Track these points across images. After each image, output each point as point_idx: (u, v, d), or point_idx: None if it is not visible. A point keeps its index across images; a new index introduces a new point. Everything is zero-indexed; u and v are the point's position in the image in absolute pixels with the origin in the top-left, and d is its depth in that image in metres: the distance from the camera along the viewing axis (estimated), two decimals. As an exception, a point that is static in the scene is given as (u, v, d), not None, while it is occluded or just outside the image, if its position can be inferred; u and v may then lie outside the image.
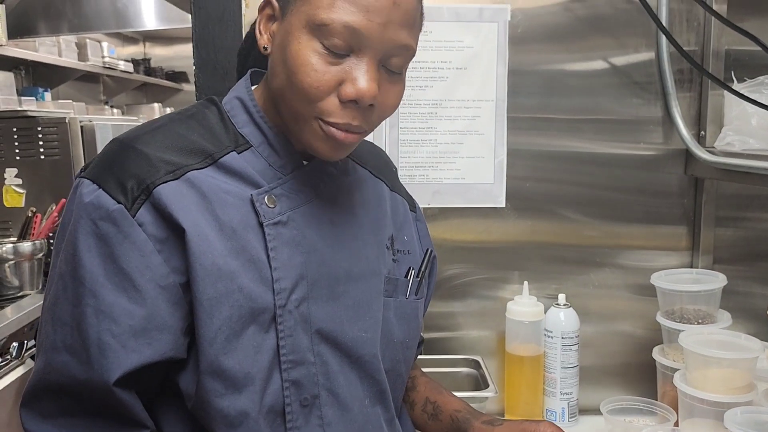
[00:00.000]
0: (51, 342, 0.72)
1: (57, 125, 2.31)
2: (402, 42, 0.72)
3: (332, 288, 0.80)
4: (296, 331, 0.75)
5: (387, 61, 0.73)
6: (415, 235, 0.97)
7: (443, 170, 1.28)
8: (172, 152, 0.74)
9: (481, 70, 1.26)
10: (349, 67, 0.71)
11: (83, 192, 0.72)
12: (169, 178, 0.72)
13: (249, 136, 0.80)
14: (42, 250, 2.10)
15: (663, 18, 1.25)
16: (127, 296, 0.70)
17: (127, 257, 0.70)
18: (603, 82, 1.29)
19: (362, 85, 0.70)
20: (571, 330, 1.24)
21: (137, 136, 0.76)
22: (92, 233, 0.70)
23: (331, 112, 0.72)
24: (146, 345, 0.70)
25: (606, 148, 1.31)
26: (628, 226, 1.33)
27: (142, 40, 5.22)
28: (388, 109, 0.76)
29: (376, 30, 0.70)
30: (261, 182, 0.78)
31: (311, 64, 0.70)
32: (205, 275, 0.71)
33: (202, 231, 0.72)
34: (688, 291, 1.20)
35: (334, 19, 0.69)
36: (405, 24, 0.72)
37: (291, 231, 0.77)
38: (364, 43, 0.70)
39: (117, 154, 0.74)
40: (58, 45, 3.46)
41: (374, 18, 0.69)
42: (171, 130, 0.77)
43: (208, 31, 1.17)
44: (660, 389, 1.25)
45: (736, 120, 1.18)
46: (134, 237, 0.70)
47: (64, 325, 0.71)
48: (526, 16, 1.26)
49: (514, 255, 1.32)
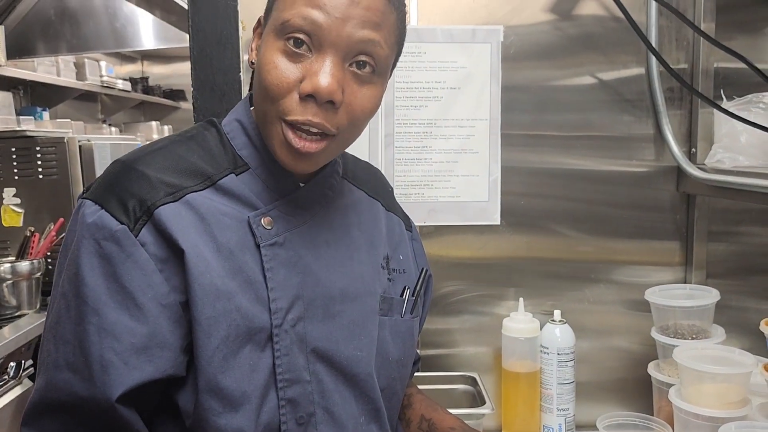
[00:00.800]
0: (53, 360, 0.72)
1: (55, 145, 2.32)
2: (363, 38, 0.73)
3: (328, 307, 0.81)
4: (292, 350, 0.76)
5: (353, 60, 0.74)
6: (410, 254, 0.98)
7: (438, 189, 1.29)
8: (172, 174, 0.76)
9: (475, 89, 1.28)
10: (310, 64, 0.73)
11: (86, 212, 0.73)
12: (169, 200, 0.74)
13: (247, 159, 0.81)
14: (40, 269, 2.10)
15: (652, 37, 1.27)
16: (129, 314, 0.71)
17: (129, 276, 0.71)
18: (595, 99, 1.31)
19: (321, 79, 0.71)
20: (567, 346, 1.25)
21: (138, 157, 0.77)
22: (95, 253, 0.72)
23: (291, 109, 0.73)
24: (148, 362, 0.71)
25: (599, 165, 1.32)
26: (622, 241, 1.34)
27: (140, 59, 5.26)
28: (358, 112, 0.76)
29: (335, 24, 0.71)
30: (258, 204, 0.79)
31: (273, 63, 0.73)
32: (204, 295, 0.72)
33: (200, 252, 0.73)
34: (681, 306, 1.21)
35: (293, 14, 0.72)
36: (365, 21, 0.73)
37: (287, 252, 0.78)
38: (324, 38, 0.72)
39: (119, 175, 0.75)
40: (56, 65, 3.49)
41: (332, 12, 0.71)
42: (171, 152, 0.79)
43: (206, 53, 1.19)
44: (656, 404, 1.25)
45: (726, 137, 1.20)
46: (137, 256, 0.72)
47: (66, 343, 0.71)
48: (518, 36, 1.29)
49: (509, 271, 1.34)
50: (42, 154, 2.32)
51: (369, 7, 0.73)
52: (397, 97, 1.27)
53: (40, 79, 3.30)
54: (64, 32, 3.18)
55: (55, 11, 3.19)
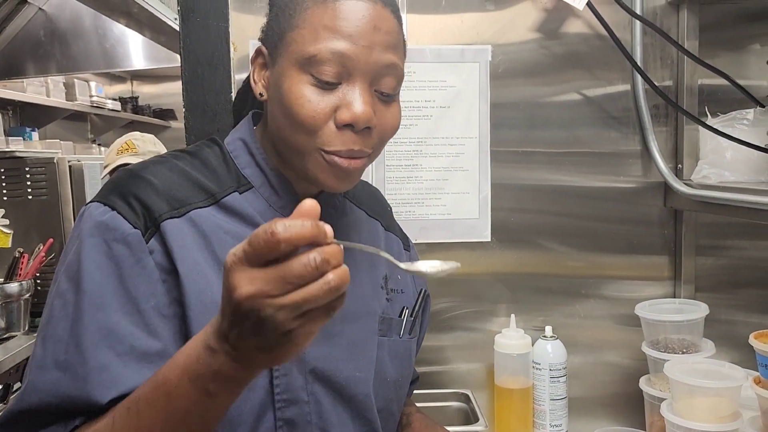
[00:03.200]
0: (38, 362, 0.69)
1: (45, 165, 2.32)
2: (388, 62, 0.75)
3: (328, 328, 0.80)
4: (291, 370, 0.76)
5: (378, 84, 0.76)
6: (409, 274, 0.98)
7: (429, 206, 1.30)
8: (178, 187, 0.76)
9: (464, 108, 1.29)
10: (342, 93, 0.74)
11: (95, 213, 0.73)
12: (174, 215, 0.74)
13: (251, 177, 0.82)
14: (29, 290, 2.09)
15: (637, 55, 1.29)
16: (131, 319, 0.70)
17: (135, 281, 0.71)
18: (582, 116, 1.33)
19: (357, 108, 0.73)
20: (559, 362, 1.25)
21: (145, 167, 0.78)
22: (103, 253, 0.71)
23: (330, 140, 0.74)
24: (148, 369, 0.68)
25: (587, 181, 1.34)
26: (611, 256, 1.36)
27: (129, 79, 5.26)
28: (387, 131, 0.78)
29: (362, 53, 0.73)
30: (261, 222, 0.79)
31: (305, 96, 0.73)
32: (205, 312, 0.72)
33: (201, 269, 0.73)
34: (671, 321, 1.22)
35: (320, 49, 0.72)
36: (389, 45, 0.75)
37: None
38: (353, 67, 0.73)
39: (127, 182, 0.75)
40: (46, 85, 3.48)
41: (358, 42, 0.72)
42: (176, 167, 0.79)
43: (197, 74, 1.20)
44: (648, 419, 1.26)
45: (711, 153, 1.22)
46: (145, 263, 0.71)
47: (58, 341, 0.69)
48: (506, 55, 1.31)
49: (500, 288, 1.34)
50: (31, 175, 2.32)
51: (389, 31, 0.75)
52: (387, 116, 1.28)
53: (30, 99, 3.29)
54: (54, 52, 3.18)
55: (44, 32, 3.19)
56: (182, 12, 1.17)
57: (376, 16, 0.74)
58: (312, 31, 0.73)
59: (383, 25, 0.74)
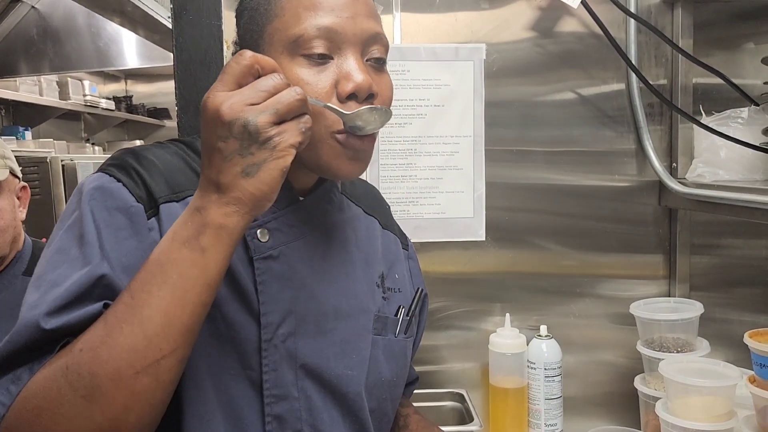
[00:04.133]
0: (29, 303, 0.66)
1: (38, 164, 2.31)
2: (373, 30, 0.75)
3: (320, 324, 0.80)
4: (281, 365, 0.76)
5: (368, 53, 0.75)
6: (406, 273, 0.97)
7: (423, 205, 1.30)
8: (178, 172, 0.76)
9: (459, 107, 1.29)
10: (337, 67, 0.73)
11: (98, 180, 0.71)
12: (173, 198, 0.73)
13: None
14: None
15: (632, 54, 1.29)
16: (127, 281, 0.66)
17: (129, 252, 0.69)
18: (577, 115, 1.33)
19: (357, 76, 0.72)
20: (554, 361, 1.25)
21: (147, 148, 0.77)
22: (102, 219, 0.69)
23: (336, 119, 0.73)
24: None
25: (582, 180, 1.34)
26: (606, 256, 1.35)
27: (123, 78, 5.24)
28: (387, 99, 0.78)
29: (348, 24, 0.73)
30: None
31: (302, 80, 0.72)
32: None
33: None
34: (666, 320, 1.22)
35: (305, 27, 0.72)
36: (370, 14, 0.75)
37: (281, 265, 0.78)
38: (341, 40, 0.73)
39: (131, 159, 0.74)
40: (39, 84, 3.47)
41: (342, 14, 0.72)
42: (176, 154, 0.79)
43: (190, 73, 1.19)
44: (643, 418, 1.25)
45: (706, 152, 1.21)
46: (143, 237, 0.70)
47: (55, 285, 0.65)
48: (501, 53, 1.30)
49: (495, 287, 1.34)
50: (24, 174, 2.30)
51: (366, 2, 0.75)
52: (381, 115, 1.27)
53: (23, 98, 3.28)
54: (47, 51, 3.17)
55: (37, 30, 3.18)
56: (175, 10, 1.16)
57: None
58: (293, 15, 0.73)
59: None
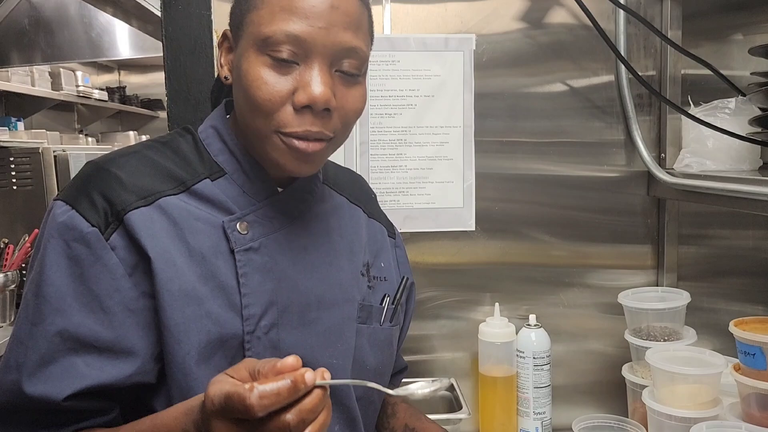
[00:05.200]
0: (4, 363, 0.71)
1: (30, 155, 2.30)
2: (348, 44, 0.74)
3: (303, 315, 0.80)
4: (265, 357, 0.76)
5: (339, 65, 0.74)
6: (393, 261, 0.98)
7: (413, 195, 1.30)
8: (146, 178, 0.76)
9: (448, 97, 1.29)
10: (299, 74, 0.73)
11: (56, 213, 0.73)
12: (141, 204, 0.73)
13: (224, 164, 0.81)
14: (14, 281, 2.08)
15: (621, 45, 1.29)
16: (95, 318, 0.70)
17: (97, 279, 0.71)
18: (566, 106, 1.33)
19: (315, 89, 0.72)
20: (543, 350, 1.26)
21: (112, 159, 0.77)
22: (63, 253, 0.71)
23: (287, 122, 0.73)
24: (112, 365, 0.70)
25: (571, 170, 1.34)
26: (595, 245, 1.36)
27: (116, 68, 5.22)
28: (350, 114, 0.77)
29: (319, 34, 0.71)
30: (234, 209, 0.79)
31: (261, 78, 0.72)
32: (172, 301, 0.72)
33: (170, 257, 0.73)
34: (653, 309, 1.23)
35: (275, 30, 0.71)
36: (348, 26, 0.73)
37: (262, 257, 0.78)
38: (310, 49, 0.72)
39: (91, 177, 0.75)
40: (31, 74, 3.45)
41: (315, 23, 0.71)
42: (145, 156, 0.78)
43: (179, 63, 1.19)
44: (630, 406, 1.27)
45: (694, 143, 1.22)
46: (106, 260, 0.71)
47: (20, 344, 0.70)
48: (490, 44, 1.30)
49: (484, 277, 1.35)
50: (16, 165, 2.30)
51: (347, 12, 0.73)
52: (371, 105, 1.28)
53: (15, 89, 3.26)
54: (39, 42, 3.15)
55: (29, 20, 3.15)
56: (164, 0, 1.16)
57: None
58: (269, 12, 0.72)
59: (341, 4, 0.73)
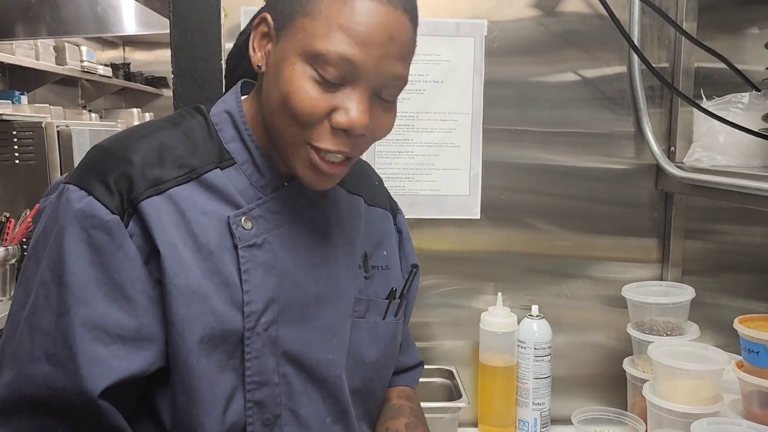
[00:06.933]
0: (27, 352, 0.69)
1: (33, 129, 2.29)
2: (396, 74, 0.73)
3: (302, 311, 0.80)
4: (263, 353, 0.76)
5: (380, 92, 0.74)
6: (395, 247, 0.97)
7: (419, 182, 1.29)
8: (157, 164, 0.74)
9: (458, 83, 1.28)
10: (343, 95, 0.71)
11: (71, 198, 0.71)
12: (153, 193, 0.72)
13: (234, 153, 0.80)
14: (15, 255, 2.08)
15: (635, 35, 1.27)
16: (118, 306, 0.70)
17: (119, 268, 0.70)
18: (577, 96, 1.32)
19: (354, 115, 0.71)
20: (544, 341, 1.26)
21: (123, 144, 0.75)
22: (83, 241, 0.70)
23: (321, 138, 0.73)
24: (137, 354, 0.70)
25: (579, 161, 1.33)
26: (600, 237, 1.35)
27: (121, 45, 5.19)
28: (380, 135, 0.77)
29: (372, 62, 0.70)
30: (241, 202, 0.78)
31: (305, 91, 0.71)
32: (179, 296, 0.71)
33: (177, 252, 0.72)
34: (657, 303, 1.23)
35: (330, 50, 0.69)
36: (400, 57, 0.73)
37: (265, 254, 0.77)
38: (359, 75, 0.71)
39: (104, 161, 0.73)
40: (35, 48, 3.42)
41: (371, 51, 0.70)
42: (156, 140, 0.77)
43: (186, 40, 1.18)
44: (630, 400, 1.27)
45: (705, 137, 1.21)
46: (126, 248, 0.70)
47: (46, 334, 0.69)
48: (502, 31, 1.29)
49: (488, 266, 1.34)
50: (19, 139, 2.29)
51: (402, 43, 0.72)
52: (379, 89, 1.26)
53: (19, 62, 3.24)
54: (44, 15, 3.12)
55: (34, -6, 3.13)
56: (172, -25, 1.14)
57: (395, 25, 0.71)
58: (325, 25, 0.69)
59: (399, 35, 0.71)
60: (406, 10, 0.73)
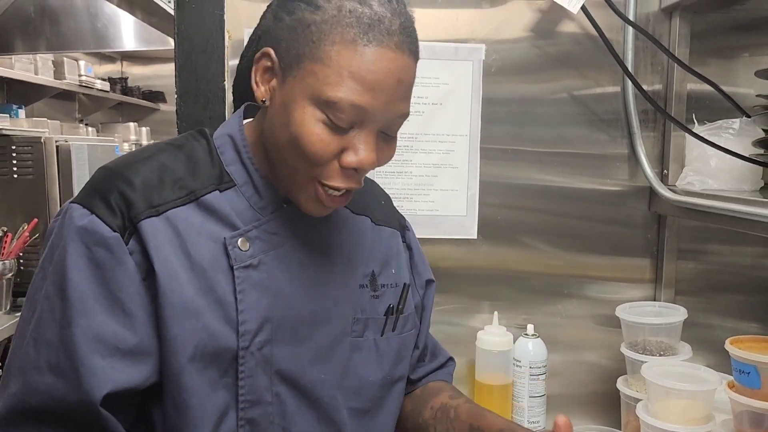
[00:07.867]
0: (32, 362, 0.71)
1: (32, 144, 2.30)
2: (401, 113, 0.76)
3: (296, 331, 0.81)
4: (256, 372, 0.77)
5: (386, 129, 0.77)
6: (405, 264, 0.98)
7: (418, 202, 1.31)
8: (157, 186, 0.76)
9: (456, 106, 1.30)
10: (352, 137, 0.74)
11: (74, 215, 0.73)
12: (151, 214, 0.74)
13: (234, 175, 0.81)
14: (12, 270, 2.08)
15: (628, 60, 1.30)
16: (117, 320, 0.72)
17: (119, 283, 0.72)
18: (572, 118, 1.34)
19: (364, 156, 0.74)
20: (539, 360, 1.27)
21: (126, 165, 0.78)
22: (84, 256, 0.72)
23: (330, 176, 0.75)
24: (134, 368, 0.72)
25: (574, 182, 1.35)
26: (595, 258, 1.37)
27: (119, 59, 5.21)
28: (382, 164, 0.80)
29: (381, 107, 0.73)
30: (238, 224, 0.79)
31: (316, 134, 0.73)
32: (172, 312, 0.73)
33: (172, 269, 0.74)
34: (650, 323, 1.24)
35: (341, 98, 0.71)
36: (405, 97, 0.76)
37: (260, 274, 0.79)
38: (368, 118, 0.73)
39: (107, 182, 0.76)
40: (34, 62, 3.44)
41: (380, 97, 0.72)
42: (158, 162, 0.79)
43: (191, 61, 1.20)
44: (624, 419, 1.28)
45: (697, 161, 1.23)
46: (127, 264, 0.73)
47: (49, 345, 0.71)
48: (500, 53, 1.31)
49: (484, 285, 1.35)
50: (17, 154, 2.29)
51: (408, 83, 0.75)
52: (379, 111, 1.28)
53: (17, 76, 3.25)
54: (44, 30, 3.15)
55: (35, 9, 3.15)
56: (178, -2, 1.16)
57: (402, 69, 0.73)
58: (336, 74, 0.71)
59: (406, 77, 0.74)
60: (411, 51, 0.75)
